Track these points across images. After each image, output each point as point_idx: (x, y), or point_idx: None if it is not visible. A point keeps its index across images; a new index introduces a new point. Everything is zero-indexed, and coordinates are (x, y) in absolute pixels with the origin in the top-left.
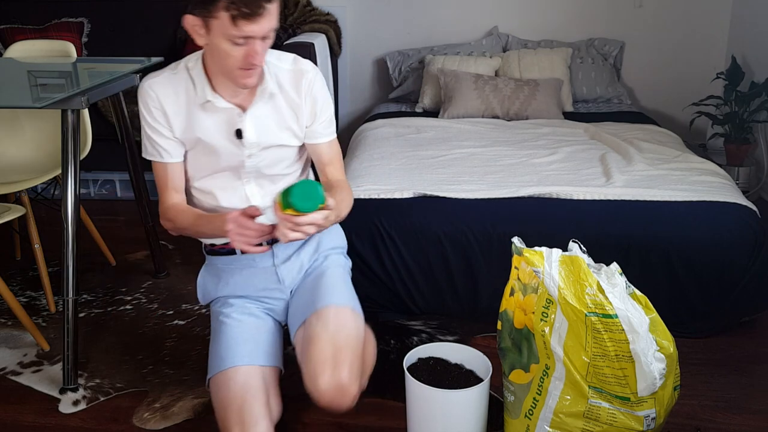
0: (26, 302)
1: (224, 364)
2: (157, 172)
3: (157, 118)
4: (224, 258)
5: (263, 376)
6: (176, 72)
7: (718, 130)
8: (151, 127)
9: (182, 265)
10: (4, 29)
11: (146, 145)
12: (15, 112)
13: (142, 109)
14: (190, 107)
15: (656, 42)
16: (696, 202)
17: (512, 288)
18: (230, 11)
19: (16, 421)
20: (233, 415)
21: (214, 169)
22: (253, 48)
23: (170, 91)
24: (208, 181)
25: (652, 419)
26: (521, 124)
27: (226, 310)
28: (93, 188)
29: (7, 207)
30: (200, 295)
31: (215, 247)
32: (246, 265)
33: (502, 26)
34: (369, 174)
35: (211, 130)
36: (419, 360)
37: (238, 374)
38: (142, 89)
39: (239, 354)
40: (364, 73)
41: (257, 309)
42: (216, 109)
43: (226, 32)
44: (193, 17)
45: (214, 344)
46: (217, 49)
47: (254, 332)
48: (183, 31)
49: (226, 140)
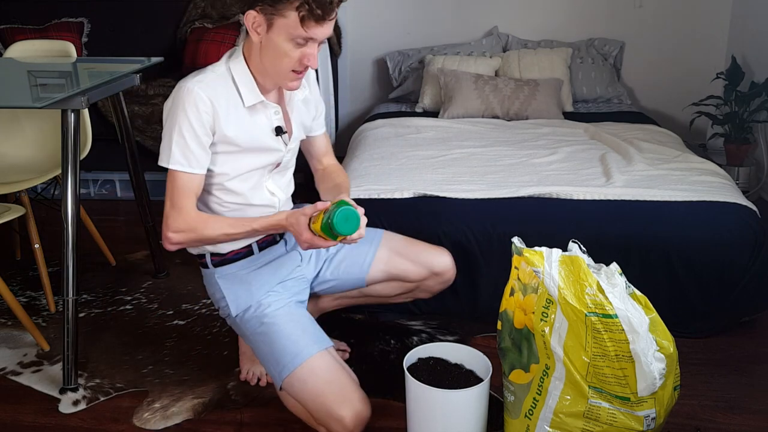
0: (26, 302)
1: (299, 357)
2: (180, 182)
3: (204, 123)
4: (241, 263)
5: (334, 356)
6: (219, 74)
7: (718, 130)
8: (193, 135)
9: (182, 265)
10: (4, 29)
11: (175, 152)
12: (15, 112)
13: (188, 114)
14: (237, 109)
15: (656, 42)
16: (696, 202)
17: (512, 288)
18: (301, 11)
19: (16, 421)
20: (335, 398)
21: (250, 168)
22: (311, 50)
23: (220, 91)
24: (238, 181)
25: (652, 419)
26: (521, 124)
27: (267, 310)
28: (93, 188)
29: (7, 207)
30: (233, 308)
31: (227, 255)
32: (264, 261)
33: (502, 26)
34: (369, 174)
35: (257, 129)
36: (419, 360)
37: (319, 361)
38: (192, 93)
39: (309, 343)
40: (364, 73)
41: (287, 299)
42: (263, 109)
43: (291, 32)
44: (257, 13)
45: (276, 344)
46: (275, 48)
47: (304, 320)
48: (183, 31)
49: (269, 138)
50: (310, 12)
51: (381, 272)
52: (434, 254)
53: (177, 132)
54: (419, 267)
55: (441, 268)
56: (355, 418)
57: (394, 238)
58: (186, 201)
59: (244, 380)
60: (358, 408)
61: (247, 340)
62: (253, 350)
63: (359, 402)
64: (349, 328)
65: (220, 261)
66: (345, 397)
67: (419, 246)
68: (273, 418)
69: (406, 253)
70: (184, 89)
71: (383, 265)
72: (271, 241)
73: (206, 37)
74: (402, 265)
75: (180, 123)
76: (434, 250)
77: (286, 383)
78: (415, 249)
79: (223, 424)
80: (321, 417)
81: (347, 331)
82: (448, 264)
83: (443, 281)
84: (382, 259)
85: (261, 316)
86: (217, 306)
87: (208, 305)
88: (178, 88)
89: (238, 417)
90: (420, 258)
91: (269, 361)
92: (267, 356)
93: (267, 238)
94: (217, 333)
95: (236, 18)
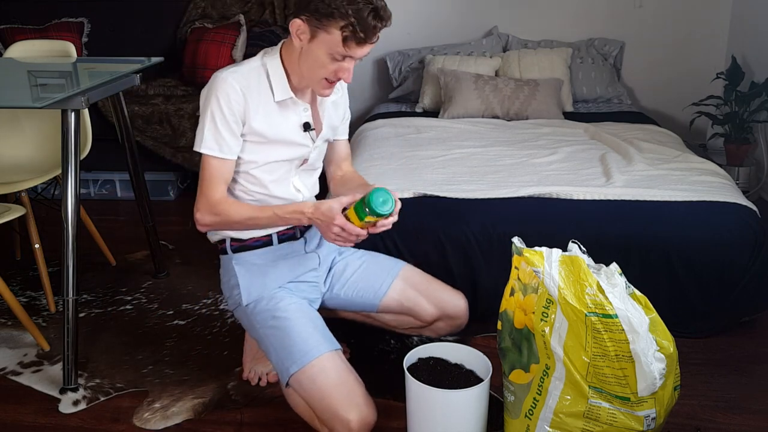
0: (26, 302)
1: (310, 355)
2: (211, 166)
3: (235, 112)
4: (259, 252)
5: (342, 358)
6: (253, 67)
7: (718, 130)
8: (224, 121)
9: (182, 265)
10: (4, 29)
11: (207, 137)
12: (15, 112)
13: (219, 101)
14: (267, 102)
15: (656, 42)
16: (696, 202)
17: (512, 288)
18: (345, 32)
19: (16, 421)
20: (343, 400)
21: (277, 158)
22: (348, 66)
23: (253, 84)
24: (265, 171)
25: (652, 419)
26: (521, 124)
27: (281, 304)
28: (93, 188)
29: (7, 207)
30: (245, 297)
31: (247, 241)
32: (282, 255)
33: (502, 26)
34: (369, 174)
35: (285, 124)
36: (419, 360)
37: (328, 361)
38: (225, 82)
39: (319, 342)
40: (364, 73)
41: (299, 297)
42: (292, 105)
43: (331, 48)
44: (302, 23)
45: (287, 339)
46: (314, 58)
47: (316, 320)
48: (183, 31)
49: (297, 134)
50: (354, 34)
51: (395, 302)
52: (450, 296)
53: (209, 119)
54: (433, 306)
55: (454, 312)
56: (361, 423)
57: (414, 271)
58: (216, 188)
59: (246, 379)
60: (365, 413)
61: (255, 333)
62: (260, 344)
63: (366, 407)
64: (349, 328)
65: (239, 247)
66: (353, 400)
67: (437, 284)
68: (273, 418)
69: (422, 289)
70: (219, 78)
71: (397, 295)
72: (291, 236)
73: (206, 37)
74: (416, 299)
75: (213, 110)
76: (451, 292)
77: (293, 380)
78: (432, 286)
79: (223, 424)
80: (327, 418)
81: (347, 331)
82: (462, 309)
83: (454, 326)
84: (397, 290)
85: (273, 309)
86: (227, 296)
87: (208, 305)
88: (214, 77)
89: (238, 417)
90: (436, 296)
91: (278, 355)
92: (277, 350)
93: (288, 231)
94: (217, 333)
95: (236, 18)
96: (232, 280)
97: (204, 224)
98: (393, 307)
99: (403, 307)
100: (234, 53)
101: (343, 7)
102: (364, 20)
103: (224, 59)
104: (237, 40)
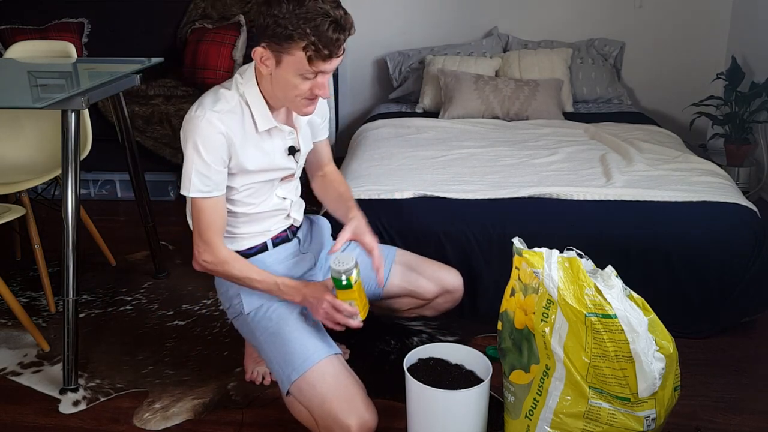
0: (26, 302)
1: (310, 361)
2: (206, 207)
3: (219, 152)
4: (256, 258)
5: (342, 362)
6: (232, 103)
7: (718, 130)
8: (207, 165)
9: (182, 265)
10: (4, 29)
11: (195, 182)
12: (15, 113)
13: (198, 146)
14: (251, 136)
15: (656, 42)
16: (696, 203)
17: (513, 288)
18: (308, 51)
19: (16, 421)
20: (343, 406)
21: (260, 180)
22: (321, 81)
23: (235, 122)
24: (249, 196)
25: (652, 420)
26: (521, 125)
27: (279, 311)
28: (93, 188)
29: (8, 207)
30: (247, 306)
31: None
32: (279, 260)
33: (502, 26)
34: (369, 174)
35: (271, 152)
36: (419, 360)
37: (328, 366)
38: (210, 124)
39: (319, 347)
40: (364, 74)
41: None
42: (277, 132)
43: (298, 69)
44: (264, 50)
45: (286, 346)
46: (284, 81)
47: (314, 325)
48: (183, 31)
49: (282, 159)
50: (317, 52)
51: (396, 287)
52: (446, 271)
53: (193, 164)
54: (432, 283)
55: (453, 286)
56: (361, 428)
57: (407, 254)
58: (215, 237)
59: (249, 380)
60: (366, 418)
61: (255, 341)
62: (260, 352)
63: (366, 411)
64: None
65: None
66: (352, 405)
67: (430, 263)
68: (273, 418)
69: (420, 269)
70: (201, 121)
71: (398, 280)
72: (284, 239)
73: (206, 37)
74: (416, 280)
75: (195, 156)
76: (445, 269)
77: (294, 387)
78: (427, 265)
79: (223, 425)
80: (326, 424)
81: (347, 331)
82: (459, 282)
83: (453, 300)
84: (397, 274)
85: (272, 316)
86: (227, 306)
87: (208, 306)
88: (191, 119)
89: (238, 417)
90: (433, 274)
91: (278, 363)
92: (276, 358)
93: (281, 234)
94: (217, 333)
95: (236, 18)
96: (231, 289)
97: (203, 269)
98: (395, 291)
99: (404, 290)
100: (234, 54)
101: (300, 27)
102: (324, 35)
103: (224, 59)
104: (237, 40)
